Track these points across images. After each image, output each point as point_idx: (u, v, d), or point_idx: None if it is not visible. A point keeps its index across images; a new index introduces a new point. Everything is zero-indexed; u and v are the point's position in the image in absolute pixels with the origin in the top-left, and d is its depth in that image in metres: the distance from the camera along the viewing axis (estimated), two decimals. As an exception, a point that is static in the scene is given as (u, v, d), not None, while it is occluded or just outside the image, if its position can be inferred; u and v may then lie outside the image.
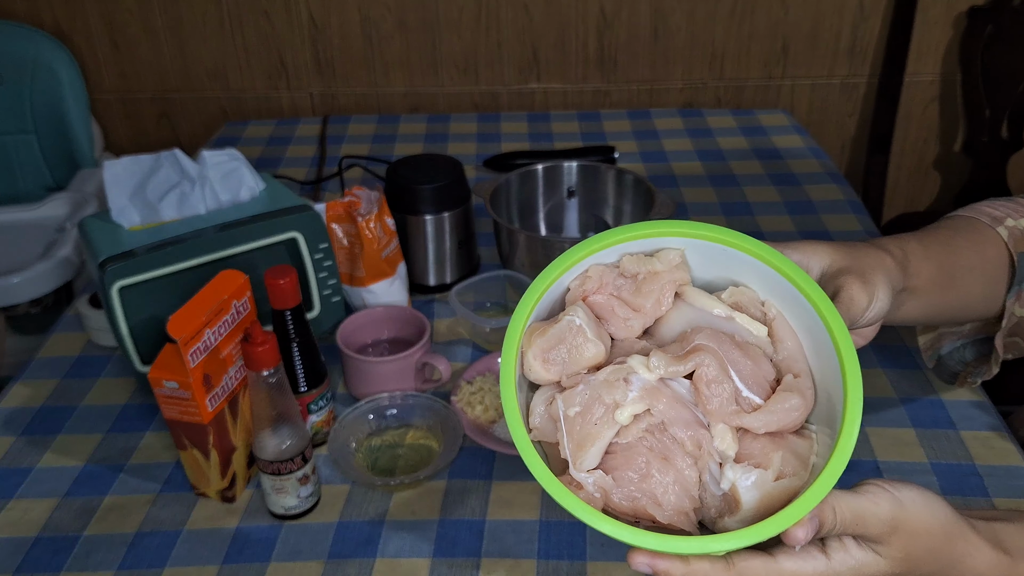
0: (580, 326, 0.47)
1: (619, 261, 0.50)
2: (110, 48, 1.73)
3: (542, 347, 0.47)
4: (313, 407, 0.85)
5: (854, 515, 0.46)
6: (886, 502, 0.47)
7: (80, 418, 0.94)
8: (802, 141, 1.51)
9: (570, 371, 0.47)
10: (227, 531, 0.79)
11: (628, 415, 0.45)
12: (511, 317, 0.48)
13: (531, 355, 0.47)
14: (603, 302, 0.49)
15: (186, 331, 0.71)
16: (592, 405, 0.46)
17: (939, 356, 0.81)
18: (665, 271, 0.49)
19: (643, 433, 0.46)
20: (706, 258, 0.50)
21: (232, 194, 0.93)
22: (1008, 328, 0.74)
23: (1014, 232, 0.71)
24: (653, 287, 0.49)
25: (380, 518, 0.80)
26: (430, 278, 1.10)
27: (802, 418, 0.47)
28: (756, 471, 0.45)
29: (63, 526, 0.80)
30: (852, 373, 0.45)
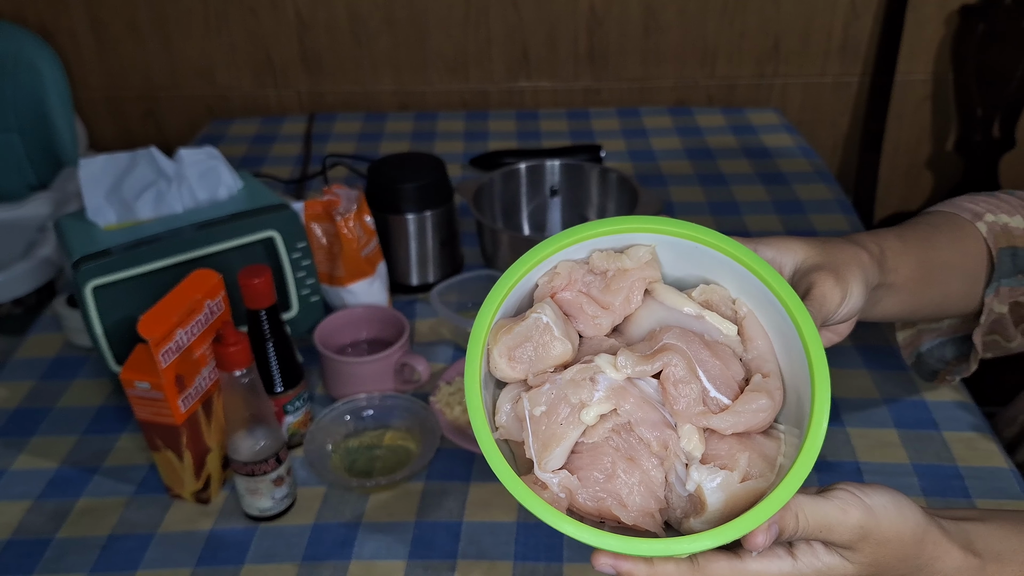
0: (547, 324, 0.46)
1: (588, 257, 0.49)
2: (95, 46, 1.71)
3: (508, 345, 0.46)
4: (289, 408, 0.84)
5: (819, 523, 0.45)
6: (855, 509, 0.46)
7: (55, 420, 0.92)
8: (792, 140, 1.50)
9: (536, 369, 0.46)
10: (201, 533, 0.78)
11: (594, 415, 0.44)
12: (477, 313, 0.46)
13: (497, 353, 0.46)
14: (571, 299, 0.48)
15: (157, 331, 0.70)
16: (558, 405, 0.45)
17: (919, 354, 0.81)
18: (635, 268, 0.48)
19: (609, 433, 0.45)
20: (677, 255, 0.49)
21: (210, 193, 0.92)
22: (988, 324, 0.73)
23: (993, 227, 0.71)
24: (622, 284, 0.48)
25: (356, 520, 0.79)
26: (413, 278, 1.09)
27: (769, 419, 0.46)
28: (722, 472, 0.44)
29: (35, 529, 0.79)
30: (820, 375, 0.44)
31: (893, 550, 0.48)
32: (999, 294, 0.71)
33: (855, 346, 0.97)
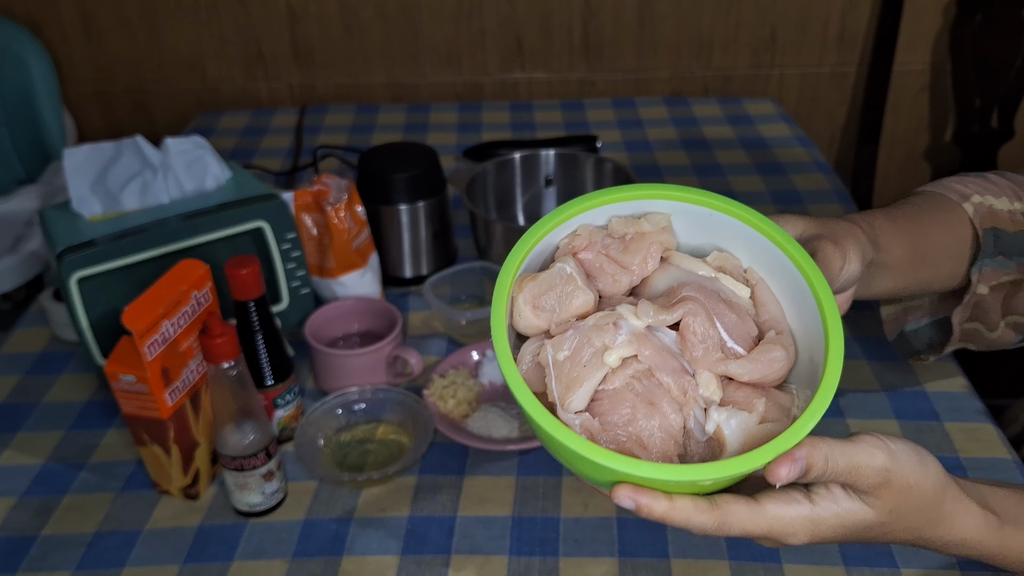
0: (571, 274, 0.47)
1: (608, 223, 0.51)
2: (83, 38, 1.69)
3: (533, 292, 0.47)
4: (279, 401, 0.82)
5: (849, 465, 0.45)
6: (881, 453, 0.46)
7: (41, 416, 0.91)
8: (789, 130, 1.49)
9: (559, 319, 0.47)
10: (189, 530, 0.77)
11: (616, 358, 0.45)
12: (502, 265, 0.47)
13: (522, 300, 0.47)
14: (591, 259, 0.50)
15: (142, 323, 0.69)
16: (581, 348, 0.45)
17: (902, 332, 0.81)
18: (652, 232, 0.49)
19: (630, 379, 0.46)
20: (692, 223, 0.51)
21: (197, 183, 0.90)
22: (970, 306, 0.73)
23: (980, 208, 0.72)
24: (640, 247, 0.49)
25: (348, 515, 0.78)
26: (405, 270, 1.07)
27: (784, 370, 0.47)
28: (741, 413, 0.45)
29: (20, 526, 0.78)
30: (834, 328, 0.45)
31: (913, 500, 0.48)
32: (982, 275, 0.72)
33: (855, 337, 0.96)
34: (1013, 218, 0.73)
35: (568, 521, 0.76)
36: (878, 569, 0.71)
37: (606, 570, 0.72)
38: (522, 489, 0.80)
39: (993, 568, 0.56)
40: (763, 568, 0.71)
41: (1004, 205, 0.73)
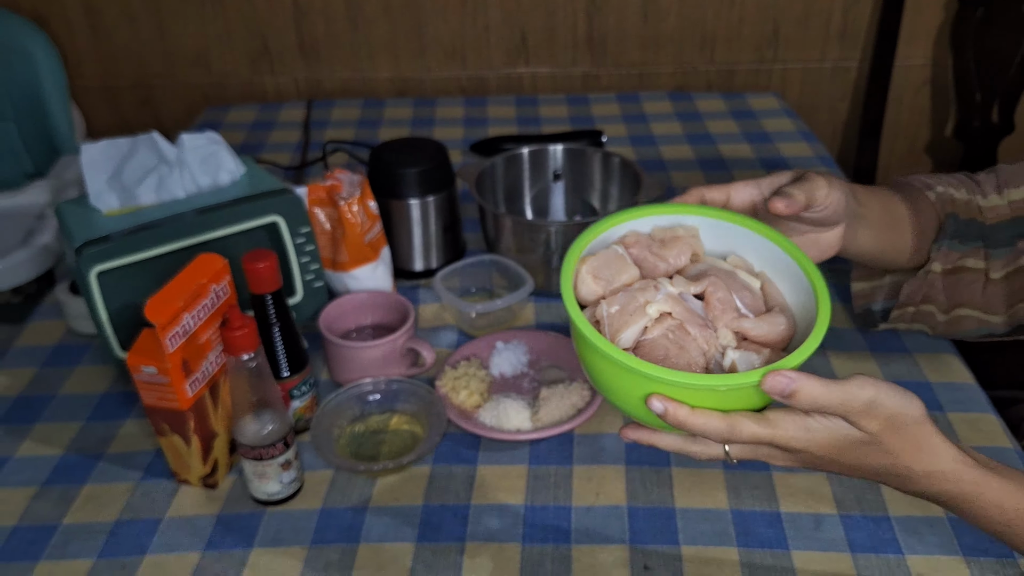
0: (621, 254, 0.63)
1: (651, 231, 0.66)
2: (89, 33, 1.70)
3: (593, 266, 0.62)
4: (295, 393, 0.84)
5: (841, 397, 0.54)
6: (870, 387, 0.55)
7: (59, 407, 0.92)
8: (792, 125, 1.50)
9: (612, 288, 0.61)
10: (208, 518, 0.78)
11: (656, 309, 0.58)
12: (568, 250, 0.61)
13: (585, 270, 0.61)
14: (637, 252, 0.64)
15: (164, 315, 0.70)
16: (629, 303, 0.59)
17: (869, 308, 0.90)
18: (685, 236, 0.64)
19: (665, 331, 0.58)
20: (715, 234, 0.65)
21: (211, 178, 0.91)
22: (923, 281, 0.83)
23: (943, 196, 0.82)
24: (675, 245, 0.64)
25: (363, 504, 0.79)
26: (416, 263, 1.08)
27: (786, 333, 0.59)
28: (752, 354, 0.58)
29: (41, 515, 0.79)
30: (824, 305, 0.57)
31: (896, 424, 0.56)
32: (941, 253, 0.82)
33: (859, 331, 0.97)
34: (968, 207, 0.83)
35: (580, 510, 0.78)
36: (884, 556, 0.72)
37: (617, 557, 0.73)
38: (534, 478, 0.81)
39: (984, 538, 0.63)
40: (771, 555, 0.73)
41: (962, 195, 0.83)
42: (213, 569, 0.73)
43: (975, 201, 0.84)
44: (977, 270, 0.83)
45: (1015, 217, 0.82)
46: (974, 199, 0.84)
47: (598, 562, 0.73)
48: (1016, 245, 0.81)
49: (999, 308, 0.83)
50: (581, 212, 1.16)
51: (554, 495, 0.79)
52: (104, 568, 0.74)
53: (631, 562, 0.73)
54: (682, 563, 0.72)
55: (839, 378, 0.55)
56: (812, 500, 0.78)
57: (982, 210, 0.83)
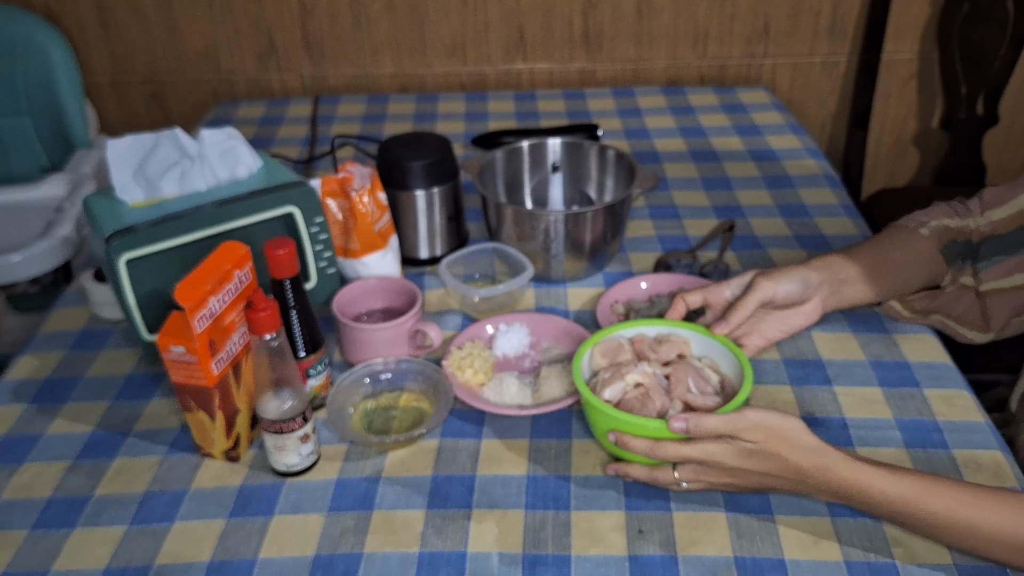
0: (622, 343, 0.89)
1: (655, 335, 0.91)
2: (100, 31, 1.75)
3: (602, 348, 0.88)
4: (312, 372, 0.89)
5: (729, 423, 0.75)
6: (752, 412, 0.75)
7: (86, 387, 0.98)
8: (782, 118, 1.55)
9: (611, 362, 0.87)
10: (232, 488, 0.84)
11: (632, 379, 0.84)
12: (580, 346, 0.88)
13: (597, 350, 0.88)
14: (639, 347, 0.89)
15: (192, 298, 0.75)
16: (616, 372, 0.84)
17: None
18: (677, 340, 0.89)
19: (636, 394, 0.83)
20: (699, 343, 0.90)
21: (230, 171, 0.96)
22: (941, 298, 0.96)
23: (936, 230, 0.94)
24: (667, 345, 0.88)
25: (377, 475, 0.85)
26: (421, 251, 1.14)
27: (717, 406, 0.82)
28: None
29: (75, 487, 0.85)
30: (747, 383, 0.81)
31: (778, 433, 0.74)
32: (953, 276, 0.94)
33: (842, 313, 1.03)
34: (963, 231, 0.94)
35: (579, 479, 0.83)
36: (861, 519, 0.78)
37: (614, 522, 0.79)
38: (536, 451, 0.87)
39: None
40: (757, 520, 0.78)
41: (955, 223, 0.95)
42: (237, 535, 0.79)
43: (968, 225, 0.95)
44: (967, 287, 0.95)
45: (993, 234, 0.93)
46: (966, 223, 0.95)
47: (595, 527, 0.78)
48: (994, 259, 0.93)
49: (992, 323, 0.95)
50: (579, 202, 1.22)
51: (555, 466, 0.85)
52: (136, 534, 0.79)
53: (627, 526, 0.78)
54: (673, 527, 0.78)
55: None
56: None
57: (972, 231, 0.95)
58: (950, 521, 0.70)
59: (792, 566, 0.74)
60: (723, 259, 1.13)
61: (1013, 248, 0.92)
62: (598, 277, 1.13)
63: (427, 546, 0.77)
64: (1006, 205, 0.93)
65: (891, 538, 0.76)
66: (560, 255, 1.07)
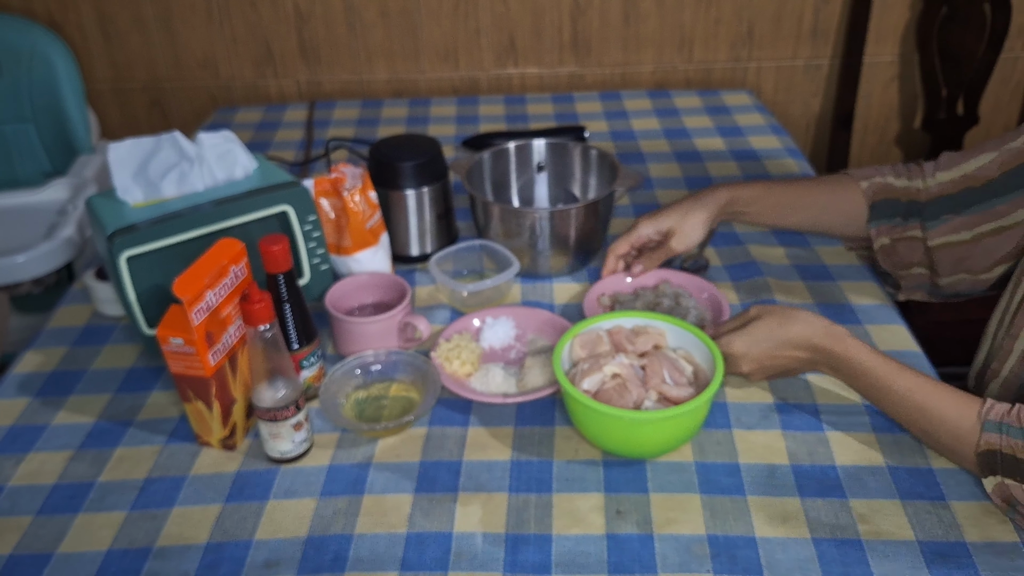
0: (602, 335, 0.93)
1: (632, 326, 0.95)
2: (102, 39, 1.79)
3: (581, 340, 0.92)
4: (305, 363, 0.93)
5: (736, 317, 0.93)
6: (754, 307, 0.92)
7: (90, 380, 1.01)
8: (763, 119, 1.59)
9: (590, 353, 0.91)
10: (228, 475, 0.88)
11: (610, 370, 0.88)
12: (561, 337, 0.92)
13: (577, 342, 0.92)
14: (616, 338, 0.93)
15: (190, 292, 0.79)
16: (594, 363, 0.89)
17: None
18: (653, 332, 0.93)
19: (613, 384, 0.87)
20: (674, 334, 0.94)
21: (227, 172, 1.00)
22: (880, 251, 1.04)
23: (875, 184, 1.02)
24: (644, 336, 0.93)
25: (367, 461, 0.88)
26: (412, 249, 1.18)
27: (690, 397, 0.86)
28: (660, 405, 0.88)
29: (79, 474, 0.88)
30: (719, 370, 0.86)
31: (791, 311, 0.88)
32: (880, 230, 1.03)
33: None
34: (907, 191, 1.01)
35: (560, 464, 0.87)
36: (829, 499, 0.82)
37: (594, 504, 0.82)
38: (520, 437, 0.90)
39: None
40: (730, 500, 0.82)
41: (901, 183, 1.01)
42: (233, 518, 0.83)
43: (914, 185, 1.01)
44: (916, 239, 1.01)
45: (942, 195, 0.98)
46: (912, 183, 1.01)
47: (576, 508, 0.82)
48: (943, 219, 0.98)
49: (941, 272, 1.00)
50: (563, 200, 1.26)
51: (538, 451, 0.89)
52: (137, 518, 0.83)
53: (606, 507, 0.82)
54: (650, 508, 0.82)
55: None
56: (767, 452, 0.87)
57: (919, 191, 1.00)
58: (907, 401, 0.82)
59: (763, 543, 0.77)
60: (703, 255, 1.17)
61: (959, 207, 0.96)
62: (582, 272, 1.17)
63: (415, 527, 0.80)
64: (955, 168, 0.98)
65: (857, 515, 0.80)
66: (546, 251, 1.11)
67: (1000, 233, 0.93)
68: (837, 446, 0.88)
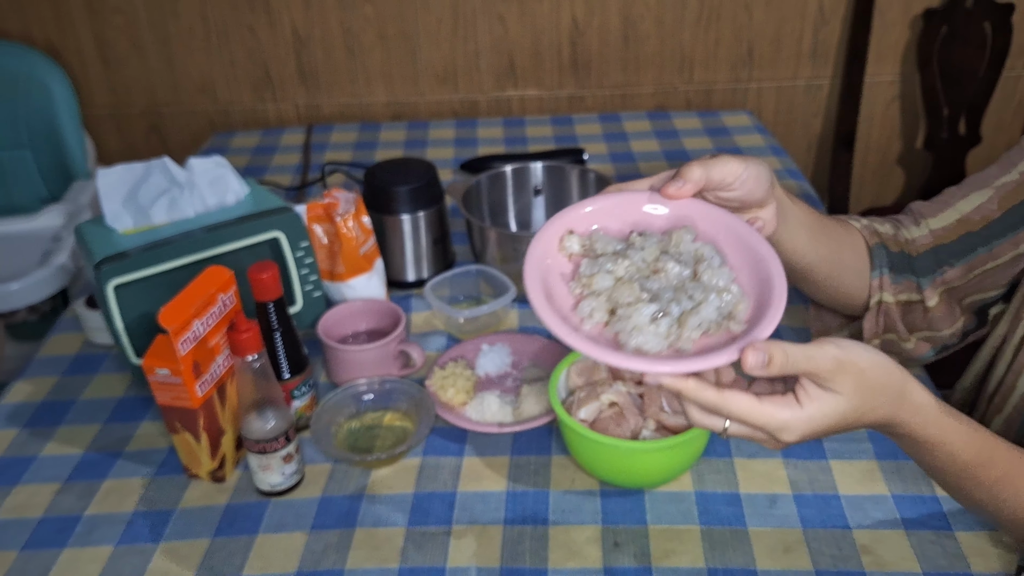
0: (596, 364, 0.89)
1: None
2: (100, 64, 1.80)
3: (578, 367, 0.89)
4: (296, 393, 0.91)
5: (805, 356, 0.59)
6: (829, 345, 0.60)
7: (79, 411, 1.00)
8: (763, 140, 1.58)
9: (587, 381, 0.88)
10: (218, 508, 0.86)
11: (606, 399, 0.85)
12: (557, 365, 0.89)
13: (573, 369, 0.89)
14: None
15: (176, 321, 0.78)
16: (591, 392, 0.85)
17: None
18: None
19: (611, 413, 0.84)
20: None
21: (219, 198, 0.99)
22: (878, 312, 0.87)
23: (867, 227, 0.88)
24: None
25: (360, 492, 0.86)
26: (408, 274, 1.17)
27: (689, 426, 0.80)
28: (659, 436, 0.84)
29: (66, 507, 0.86)
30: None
31: (870, 377, 0.60)
32: (882, 283, 0.87)
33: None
34: (896, 240, 0.87)
35: (557, 494, 0.85)
36: (831, 529, 0.79)
37: (590, 535, 0.80)
38: (515, 467, 0.88)
39: None
40: (729, 531, 0.80)
41: (887, 229, 0.88)
42: (221, 552, 0.81)
43: (901, 234, 0.88)
44: (915, 301, 0.88)
45: (937, 245, 0.86)
46: (900, 232, 0.88)
47: (572, 540, 0.80)
48: (939, 271, 0.87)
49: (944, 326, 0.88)
50: (562, 225, 1.24)
51: (533, 481, 0.87)
52: (124, 553, 0.81)
53: (603, 539, 0.80)
54: (648, 539, 0.79)
55: None
56: (767, 481, 0.85)
57: (908, 242, 0.87)
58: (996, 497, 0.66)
59: (763, 575, 0.75)
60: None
61: (958, 256, 0.85)
62: (580, 297, 1.15)
63: (407, 561, 0.78)
64: (943, 214, 0.86)
65: (860, 546, 0.77)
66: (542, 276, 1.10)
67: (994, 272, 0.85)
68: (840, 474, 0.85)
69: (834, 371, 0.59)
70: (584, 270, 0.68)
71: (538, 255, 0.68)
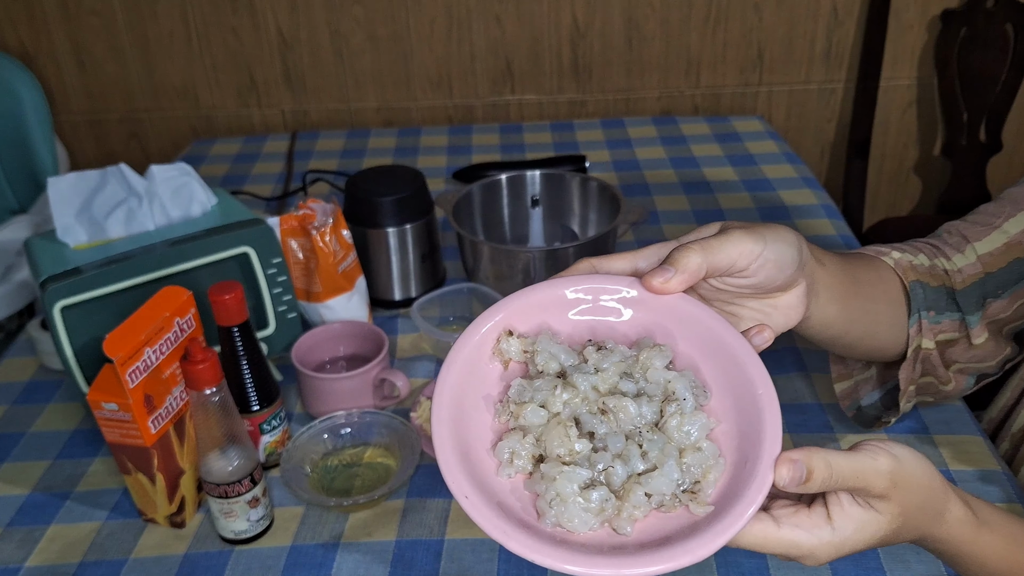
0: None
1: None
2: (76, 68, 1.71)
3: None
4: (266, 427, 0.82)
5: (854, 471, 0.47)
6: (884, 456, 0.49)
7: (28, 445, 0.90)
8: (777, 147, 1.49)
9: None
10: (175, 558, 0.76)
11: None
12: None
13: None
14: None
15: (124, 350, 0.69)
16: None
17: (859, 406, 0.82)
18: None
19: None
20: None
21: (182, 210, 0.90)
22: (915, 360, 0.74)
23: (900, 263, 0.74)
24: None
25: (335, 540, 0.77)
26: (394, 293, 1.07)
27: None
28: None
29: (4, 558, 0.77)
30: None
31: (917, 497, 0.50)
32: (921, 327, 0.73)
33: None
34: (933, 273, 0.74)
35: (556, 543, 0.76)
36: None
37: (594, 591, 0.71)
38: (510, 511, 0.79)
39: None
40: (753, 587, 0.71)
41: (922, 261, 0.75)
42: (177, 611, 0.71)
43: (939, 265, 0.76)
44: (957, 339, 0.76)
45: (987, 274, 0.74)
46: (937, 263, 0.76)
47: (574, 597, 0.71)
48: (986, 306, 0.75)
49: (988, 359, 0.78)
50: (561, 238, 1.15)
51: (530, 528, 0.77)
52: (67, 612, 0.72)
53: (608, 596, 0.70)
54: (660, 597, 0.70)
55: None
56: None
57: (949, 274, 0.75)
58: None
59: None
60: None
61: (1006, 286, 0.74)
62: (582, 317, 1.06)
63: (386, 622, 0.69)
64: (989, 238, 0.74)
65: (904, 609, 0.68)
66: (540, 294, 1.00)
67: None
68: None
69: (887, 489, 0.48)
70: (514, 394, 0.51)
71: (462, 363, 0.52)
